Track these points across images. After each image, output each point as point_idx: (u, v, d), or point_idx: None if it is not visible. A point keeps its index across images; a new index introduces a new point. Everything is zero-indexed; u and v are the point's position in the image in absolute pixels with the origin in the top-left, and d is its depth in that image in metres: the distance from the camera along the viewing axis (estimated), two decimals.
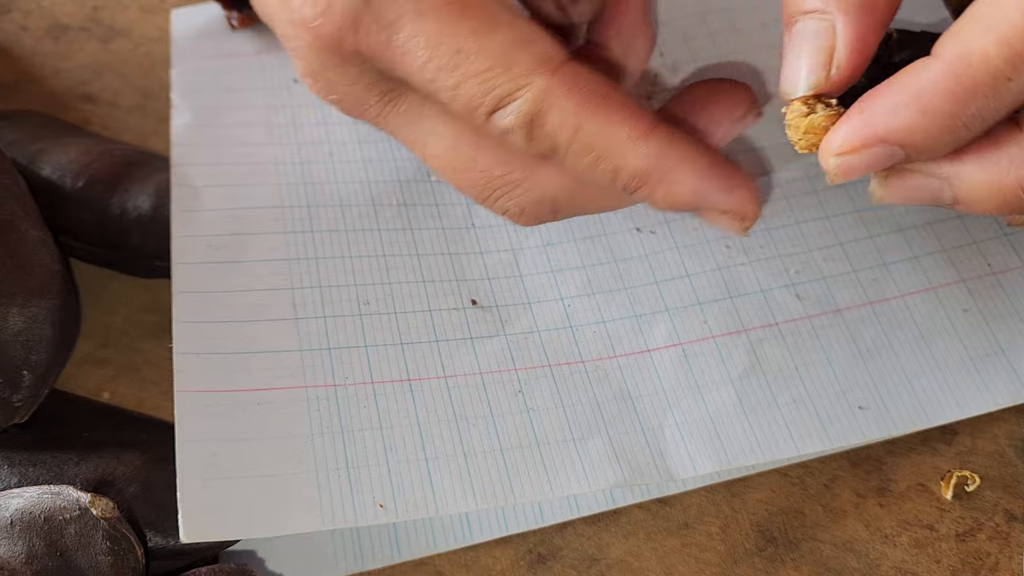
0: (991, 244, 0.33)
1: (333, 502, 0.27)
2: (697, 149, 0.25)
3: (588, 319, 0.31)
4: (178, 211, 0.32)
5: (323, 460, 0.28)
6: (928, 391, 0.30)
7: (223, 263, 0.31)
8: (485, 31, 0.23)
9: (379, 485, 0.27)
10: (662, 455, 0.29)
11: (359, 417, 0.29)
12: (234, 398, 0.28)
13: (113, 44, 0.40)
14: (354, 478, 0.27)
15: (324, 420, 0.28)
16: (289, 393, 0.29)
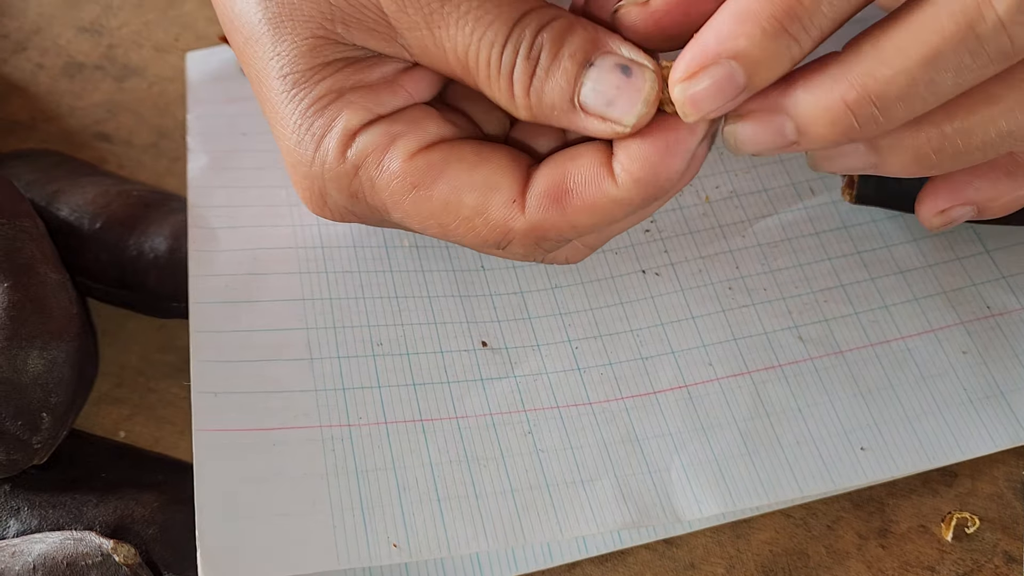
0: (990, 287, 0.34)
1: (348, 542, 0.27)
2: None
3: (595, 361, 0.32)
4: (195, 252, 0.32)
5: (338, 500, 0.28)
6: (929, 433, 0.31)
7: (240, 303, 0.32)
8: (452, 202, 0.27)
9: (392, 525, 0.28)
10: (668, 497, 0.29)
11: (373, 457, 0.29)
12: (251, 437, 0.29)
13: (128, 83, 0.41)
14: (368, 518, 0.28)
15: (339, 460, 0.29)
16: (304, 433, 0.29)
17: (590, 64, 0.25)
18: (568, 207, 0.26)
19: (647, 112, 0.25)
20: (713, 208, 0.36)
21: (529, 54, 0.25)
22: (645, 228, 0.35)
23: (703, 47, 0.23)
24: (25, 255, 0.30)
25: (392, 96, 0.28)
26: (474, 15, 0.26)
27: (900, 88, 0.23)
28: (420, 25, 0.26)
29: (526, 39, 0.25)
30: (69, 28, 0.42)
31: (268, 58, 0.28)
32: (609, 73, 0.25)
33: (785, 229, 0.35)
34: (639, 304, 0.33)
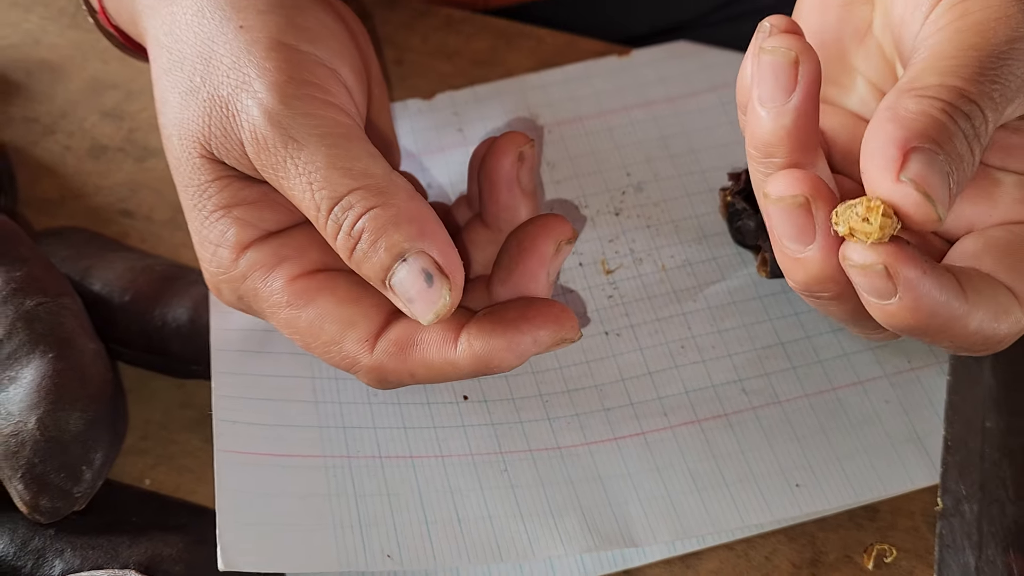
0: (911, 343, 0.38)
1: (348, 550, 0.32)
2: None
3: (563, 412, 0.37)
4: (216, 312, 0.37)
5: (339, 516, 0.33)
6: (856, 473, 0.35)
7: (254, 352, 0.36)
8: (316, 327, 0.31)
9: (386, 539, 0.32)
10: (627, 526, 0.34)
11: (369, 484, 0.34)
12: (263, 460, 0.33)
13: (147, 163, 0.45)
14: (365, 532, 0.32)
15: (339, 484, 0.34)
16: (310, 460, 0.34)
17: (403, 259, 0.29)
18: (409, 359, 0.31)
19: (439, 319, 0.29)
20: (669, 275, 0.40)
21: (351, 232, 0.29)
22: (608, 295, 0.40)
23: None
24: (66, 329, 0.34)
25: (273, 213, 0.32)
26: (307, 179, 0.29)
27: None
28: (269, 171, 0.30)
29: (348, 219, 0.29)
30: (93, 113, 0.47)
31: (175, 167, 0.33)
32: (414, 276, 0.29)
33: (732, 293, 0.40)
34: (602, 362, 0.38)
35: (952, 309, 0.25)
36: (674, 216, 0.42)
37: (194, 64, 0.31)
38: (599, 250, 0.41)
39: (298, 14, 0.32)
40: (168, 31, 0.33)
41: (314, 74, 0.30)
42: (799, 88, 0.25)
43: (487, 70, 0.47)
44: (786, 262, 0.27)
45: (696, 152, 0.43)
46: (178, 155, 0.32)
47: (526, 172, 0.34)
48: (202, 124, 0.31)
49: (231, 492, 0.32)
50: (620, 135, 0.44)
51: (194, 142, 0.31)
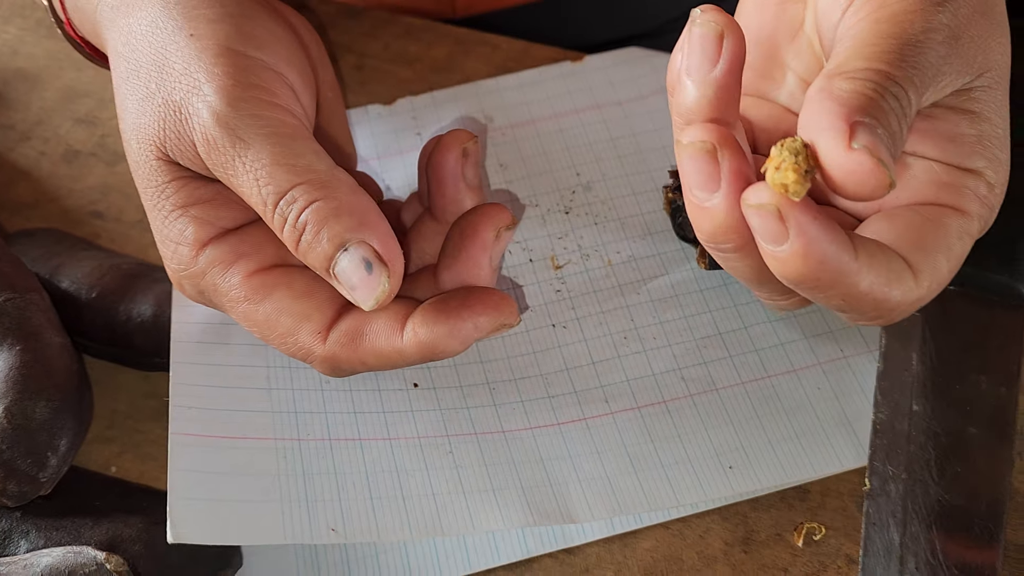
0: (844, 332, 0.40)
1: (294, 523, 0.34)
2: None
3: (509, 399, 0.38)
4: (177, 306, 0.39)
5: (287, 493, 0.34)
6: (787, 455, 0.37)
7: (212, 344, 0.38)
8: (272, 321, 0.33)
9: (332, 515, 0.34)
10: (566, 503, 0.35)
11: (318, 464, 0.35)
12: (216, 442, 0.35)
13: (118, 167, 0.47)
14: (311, 508, 0.34)
15: (289, 464, 0.35)
16: (261, 442, 0.36)
17: (344, 249, 0.31)
18: (360, 348, 0.33)
19: (380, 305, 0.31)
20: (614, 270, 0.42)
21: (295, 224, 0.31)
22: (556, 289, 0.42)
23: None
24: (34, 323, 0.36)
25: (229, 211, 0.34)
26: (254, 175, 0.31)
27: None
28: (219, 170, 0.32)
29: (292, 212, 0.31)
30: (67, 120, 0.49)
31: (135, 170, 0.34)
32: (355, 265, 0.31)
33: (674, 287, 0.41)
34: (548, 352, 0.40)
35: (842, 263, 0.26)
36: (621, 214, 0.44)
37: (149, 72, 0.33)
38: (548, 246, 0.43)
39: (246, 22, 0.33)
40: (125, 41, 0.34)
41: (260, 78, 0.32)
42: (723, 60, 0.27)
43: (445, 76, 0.49)
44: (694, 212, 0.28)
45: (643, 153, 0.45)
46: (137, 158, 0.34)
47: (470, 167, 0.36)
48: (157, 128, 0.33)
49: (182, 470, 0.34)
50: (571, 137, 0.46)
51: (151, 145, 0.33)
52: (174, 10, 0.34)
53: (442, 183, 0.36)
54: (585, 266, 0.42)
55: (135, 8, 0.35)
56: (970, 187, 0.29)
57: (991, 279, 0.39)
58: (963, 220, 0.29)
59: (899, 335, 0.39)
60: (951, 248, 0.29)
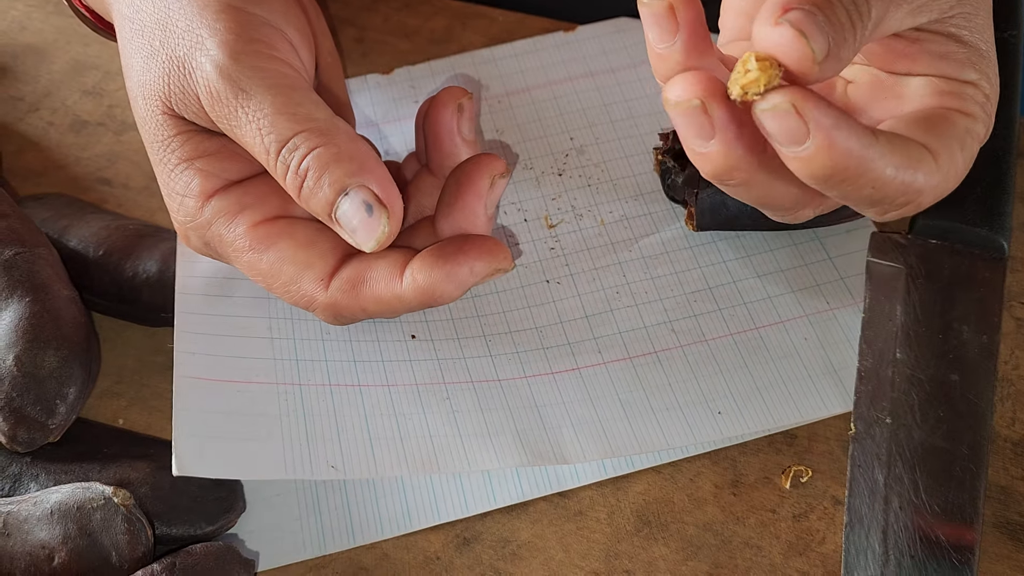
0: (830, 286, 0.41)
1: (295, 460, 0.35)
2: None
3: (505, 350, 0.39)
4: (182, 262, 0.40)
5: (288, 432, 0.35)
6: (774, 401, 0.38)
7: (216, 296, 0.39)
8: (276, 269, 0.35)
9: (332, 452, 0.35)
10: (559, 445, 0.36)
11: (317, 406, 0.36)
12: (219, 385, 0.36)
13: (125, 136, 0.48)
14: (312, 446, 0.35)
15: (290, 406, 0.36)
16: (263, 386, 0.37)
17: (345, 193, 0.32)
18: (360, 295, 0.34)
19: (380, 247, 0.32)
20: (607, 229, 0.43)
21: (297, 171, 0.32)
22: (551, 247, 0.43)
23: None
24: (42, 276, 0.37)
25: (234, 163, 0.35)
26: (256, 125, 0.32)
27: None
28: (223, 121, 0.33)
29: (295, 159, 0.32)
30: (75, 91, 0.50)
31: (142, 126, 0.35)
32: (356, 207, 0.32)
33: (664, 244, 0.43)
34: (543, 307, 0.41)
35: (866, 149, 0.26)
36: (613, 176, 0.45)
37: (152, 30, 0.34)
38: (543, 207, 0.44)
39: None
40: (130, 3, 0.36)
41: (261, 32, 0.33)
42: (681, 31, 0.28)
43: (443, 47, 0.50)
44: (695, 157, 0.29)
45: (635, 118, 0.46)
46: (143, 115, 0.35)
47: (466, 122, 0.37)
48: (163, 83, 0.34)
49: (187, 409, 0.35)
50: (564, 103, 0.47)
51: (157, 100, 0.34)
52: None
53: (438, 138, 0.37)
54: (578, 225, 0.43)
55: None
56: (969, 94, 0.31)
57: (972, 232, 0.40)
58: (968, 120, 0.30)
59: (883, 287, 0.40)
60: (963, 140, 0.29)
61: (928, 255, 0.40)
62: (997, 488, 0.36)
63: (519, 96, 0.48)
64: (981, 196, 0.41)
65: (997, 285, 0.40)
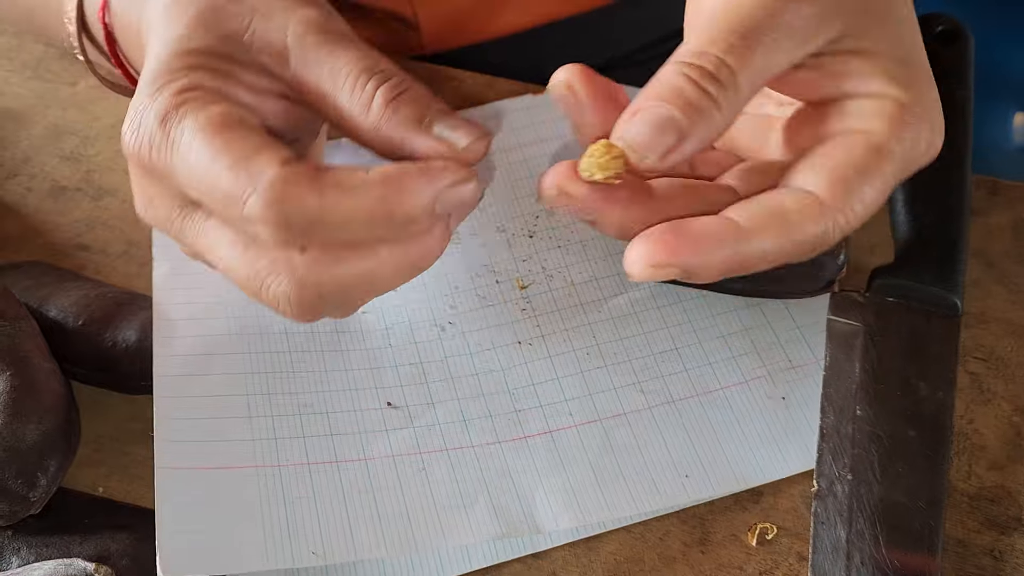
0: (792, 344, 0.42)
1: (277, 550, 0.35)
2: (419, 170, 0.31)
3: (478, 414, 0.40)
4: (159, 337, 0.41)
5: (269, 520, 0.36)
6: (740, 461, 0.39)
7: (194, 376, 0.40)
8: (232, 145, 0.30)
9: (312, 538, 0.36)
10: (532, 515, 0.37)
11: (297, 489, 0.37)
12: (200, 473, 0.37)
13: (103, 201, 0.49)
14: (293, 534, 0.36)
15: (270, 490, 0.37)
16: (243, 471, 0.37)
17: (442, 111, 0.33)
18: (320, 179, 0.30)
19: (476, 147, 0.32)
20: (577, 290, 0.44)
21: (396, 86, 0.32)
22: (522, 308, 0.44)
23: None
24: (23, 350, 0.38)
25: (247, 95, 0.33)
26: (362, 52, 0.33)
27: None
28: (312, 48, 0.33)
29: (395, 78, 0.33)
30: (53, 157, 0.51)
31: (174, 33, 0.33)
32: (456, 118, 0.33)
33: (633, 304, 0.44)
34: (515, 369, 0.42)
35: (736, 247, 0.31)
36: (582, 236, 0.46)
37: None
38: (514, 268, 0.45)
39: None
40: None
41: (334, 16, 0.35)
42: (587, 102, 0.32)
43: None
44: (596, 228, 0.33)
45: None
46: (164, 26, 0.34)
47: None
48: (244, 17, 0.33)
49: (169, 504, 0.35)
50: (534, 165, 0.49)
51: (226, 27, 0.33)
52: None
53: None
54: (549, 286, 0.45)
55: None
56: (871, 109, 0.32)
57: (928, 291, 0.42)
58: (868, 139, 0.32)
59: (843, 345, 0.41)
60: (862, 166, 0.31)
61: (885, 313, 0.42)
62: (955, 541, 0.38)
63: (489, 158, 0.49)
64: (935, 256, 0.43)
65: (952, 342, 0.42)
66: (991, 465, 0.39)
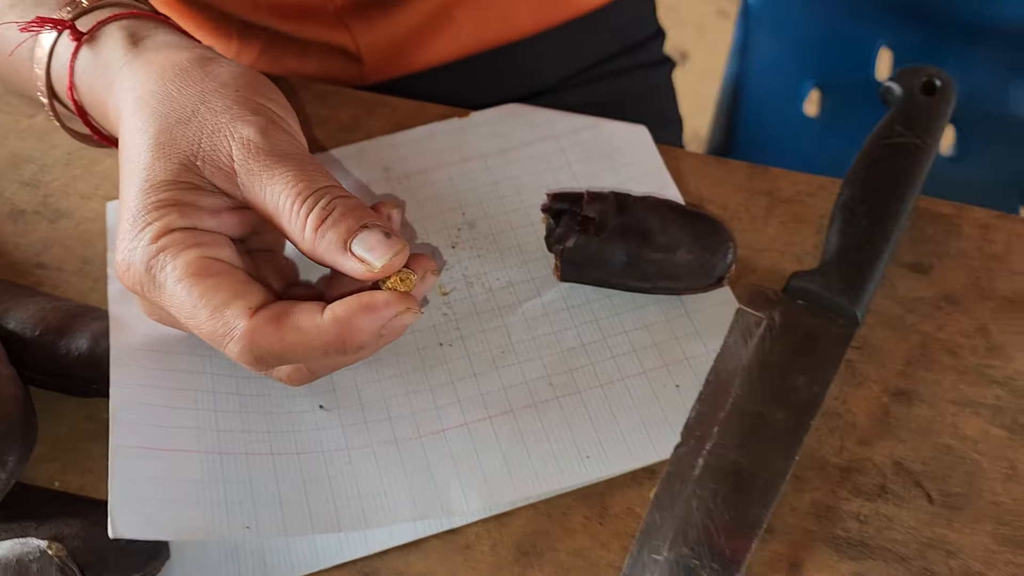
0: (687, 339, 0.47)
1: (215, 522, 0.39)
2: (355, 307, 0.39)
3: (402, 411, 0.45)
4: (116, 339, 0.44)
5: (208, 497, 0.40)
6: (637, 443, 0.44)
7: (147, 367, 0.44)
8: (209, 294, 0.38)
9: (246, 515, 0.40)
10: (447, 500, 0.42)
11: (235, 473, 0.41)
12: (150, 452, 0.41)
13: (59, 223, 0.53)
14: (230, 511, 0.40)
15: (209, 472, 0.41)
16: (187, 454, 0.41)
17: (365, 227, 0.38)
18: (282, 324, 0.38)
19: (390, 264, 0.38)
20: (494, 295, 0.49)
21: (325, 208, 0.38)
22: (444, 312, 0.48)
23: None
24: None
25: (210, 220, 0.40)
26: (294, 175, 0.39)
27: None
28: (253, 173, 0.39)
29: (324, 200, 0.38)
30: (13, 183, 0.55)
31: (141, 170, 0.40)
32: (376, 233, 0.38)
33: (545, 307, 0.48)
34: (436, 368, 0.46)
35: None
36: (500, 246, 0.51)
37: (187, 104, 0.40)
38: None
39: (256, 80, 0.42)
40: (160, 83, 0.41)
41: (278, 119, 0.41)
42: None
43: (351, 134, 0.56)
44: None
45: (521, 193, 0.53)
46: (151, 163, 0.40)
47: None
48: (195, 140, 0.40)
49: (122, 475, 0.39)
50: (458, 182, 0.53)
51: (180, 154, 0.40)
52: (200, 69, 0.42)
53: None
54: (469, 292, 0.49)
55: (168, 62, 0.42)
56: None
57: (834, 301, 0.46)
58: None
59: (744, 332, 0.46)
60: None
61: (791, 312, 0.47)
62: (825, 507, 0.42)
63: (418, 177, 0.54)
64: (848, 272, 0.47)
65: (841, 348, 0.46)
66: (860, 441, 0.44)
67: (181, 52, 0.43)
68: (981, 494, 0.42)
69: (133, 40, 0.44)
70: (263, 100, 0.41)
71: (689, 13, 1.87)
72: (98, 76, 0.44)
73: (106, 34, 0.45)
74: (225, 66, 0.42)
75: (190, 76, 0.41)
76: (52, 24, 0.45)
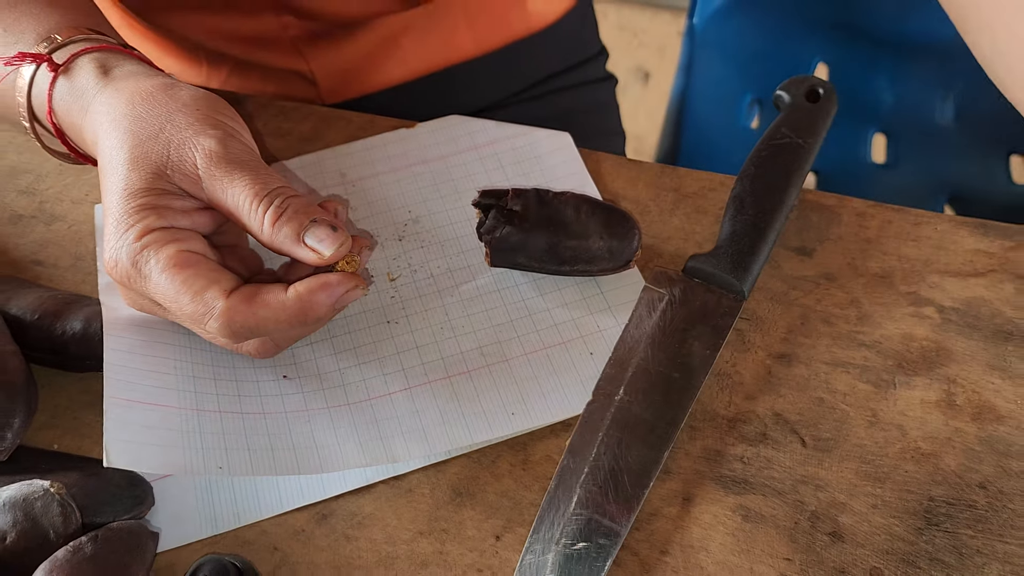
0: (600, 315, 0.54)
1: (192, 462, 0.46)
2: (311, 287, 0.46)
3: (353, 379, 0.52)
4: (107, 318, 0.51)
5: (186, 443, 0.47)
6: (556, 402, 0.51)
7: (134, 338, 0.50)
8: (190, 281, 0.45)
9: (219, 458, 0.47)
10: (391, 450, 0.49)
11: (210, 426, 0.48)
12: (138, 404, 0.47)
13: (54, 226, 0.60)
14: (206, 454, 0.46)
15: (187, 424, 0.48)
16: (169, 409, 0.48)
17: (314, 222, 0.46)
18: (253, 302, 0.45)
19: (337, 253, 0.46)
20: (435, 280, 0.56)
21: (279, 206, 0.46)
22: (391, 295, 0.56)
23: None
24: None
25: (183, 219, 0.47)
26: (250, 178, 0.46)
27: None
28: (215, 179, 0.46)
29: (277, 200, 0.46)
30: (12, 191, 0.62)
31: (120, 180, 0.47)
32: (325, 227, 0.46)
33: (479, 289, 0.56)
34: (384, 342, 0.54)
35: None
36: (441, 238, 0.58)
37: (155, 123, 0.47)
38: (385, 265, 0.57)
39: (215, 101, 0.49)
40: (130, 106, 0.48)
41: (235, 132, 0.48)
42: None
43: (311, 144, 0.64)
44: None
45: (459, 193, 0.60)
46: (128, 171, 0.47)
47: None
48: (164, 152, 0.47)
49: (114, 419, 0.46)
50: (405, 185, 0.61)
51: (152, 165, 0.46)
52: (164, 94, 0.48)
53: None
54: (413, 278, 0.56)
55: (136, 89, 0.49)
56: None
57: (724, 279, 0.54)
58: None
59: (648, 306, 0.53)
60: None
61: (688, 289, 0.54)
62: (714, 452, 0.49)
63: (370, 180, 0.61)
64: (736, 253, 0.54)
65: (730, 318, 0.53)
66: (746, 396, 0.52)
67: (147, 79, 0.50)
68: (847, 439, 0.50)
69: (104, 70, 0.51)
70: (221, 117, 0.48)
71: (652, 35, 1.97)
72: (74, 102, 0.51)
73: (79, 65, 0.51)
74: (186, 90, 0.49)
75: (156, 100, 0.48)
76: (32, 58, 0.52)
